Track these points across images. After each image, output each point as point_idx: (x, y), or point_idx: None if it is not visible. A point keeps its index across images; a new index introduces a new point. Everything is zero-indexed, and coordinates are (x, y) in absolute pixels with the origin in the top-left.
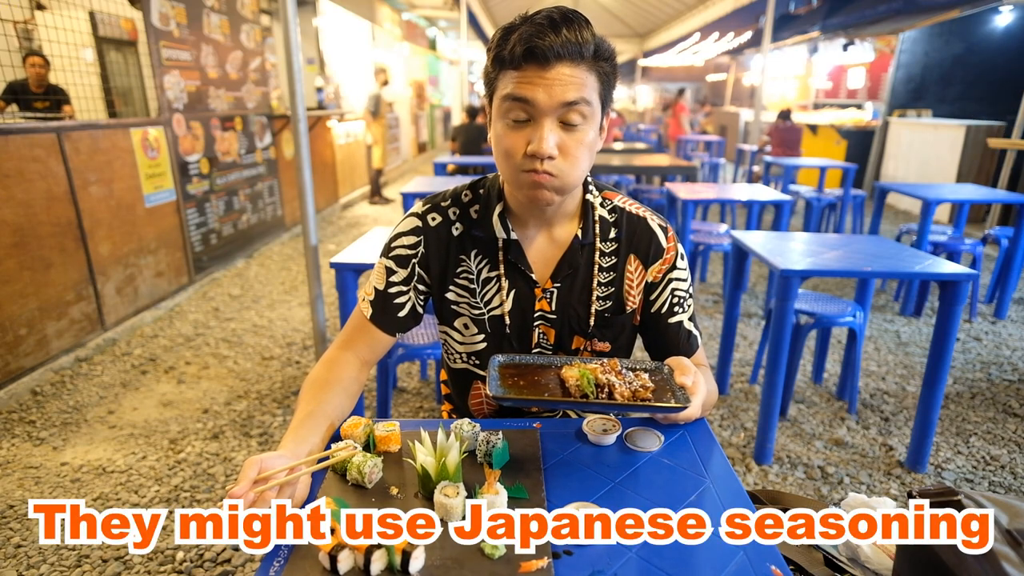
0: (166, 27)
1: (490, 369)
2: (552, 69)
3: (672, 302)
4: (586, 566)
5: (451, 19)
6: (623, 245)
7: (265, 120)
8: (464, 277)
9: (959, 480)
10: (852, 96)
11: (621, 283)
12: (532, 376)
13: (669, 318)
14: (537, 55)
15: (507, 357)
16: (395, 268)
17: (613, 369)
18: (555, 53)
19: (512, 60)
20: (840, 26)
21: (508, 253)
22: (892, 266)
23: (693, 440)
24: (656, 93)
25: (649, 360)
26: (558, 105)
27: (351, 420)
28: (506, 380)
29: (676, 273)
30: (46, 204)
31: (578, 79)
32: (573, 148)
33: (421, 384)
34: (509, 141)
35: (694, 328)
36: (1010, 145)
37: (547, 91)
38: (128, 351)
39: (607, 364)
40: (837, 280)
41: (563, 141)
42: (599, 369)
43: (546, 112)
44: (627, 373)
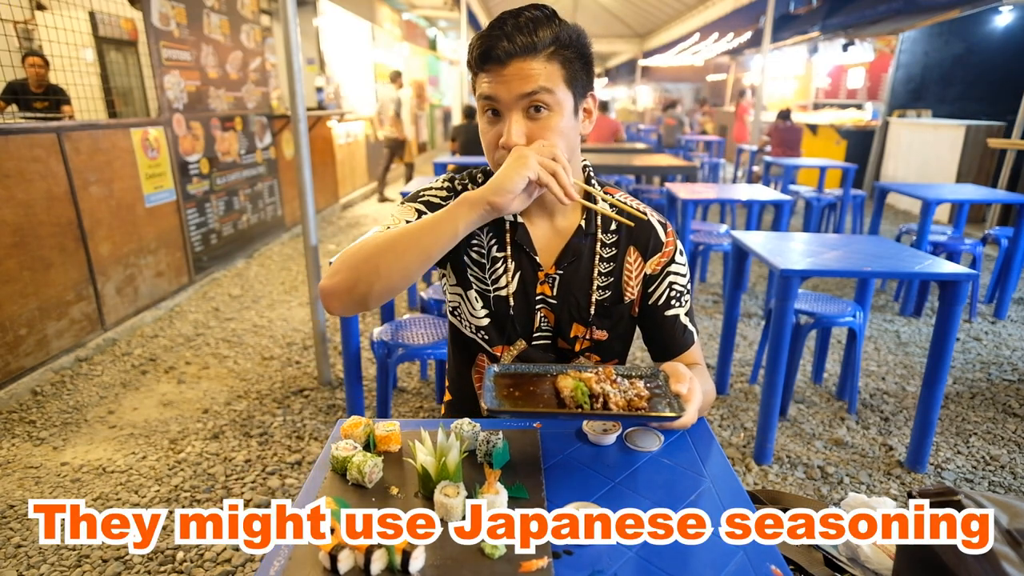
0: (166, 27)
1: (485, 380)
2: (509, 66)
3: (669, 295)
4: (586, 566)
5: (451, 19)
6: (623, 237)
7: (265, 120)
8: (476, 251)
9: (959, 480)
10: (852, 96)
11: (620, 274)
12: (528, 386)
13: (666, 311)
14: (492, 57)
15: (503, 367)
16: (426, 211)
17: (608, 378)
18: (507, 53)
19: (475, 64)
20: (840, 26)
21: (515, 235)
22: (892, 266)
23: (693, 440)
24: (656, 93)
25: (644, 366)
26: (517, 97)
27: (351, 420)
28: (502, 391)
29: (674, 267)
30: (46, 204)
31: (535, 72)
32: (541, 134)
33: (421, 384)
34: (487, 136)
35: (690, 324)
36: (1010, 145)
37: (506, 87)
38: (128, 351)
39: (602, 373)
40: (837, 280)
41: (530, 130)
42: (594, 379)
43: (509, 106)
44: (622, 381)
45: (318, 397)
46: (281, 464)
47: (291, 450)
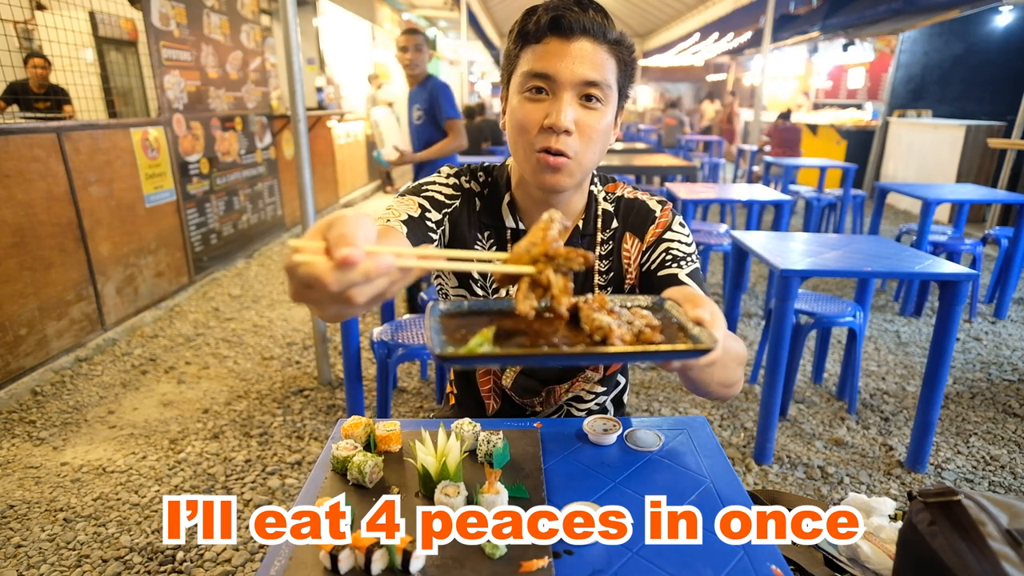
0: (166, 27)
1: (429, 320)
2: (575, 42)
3: (664, 259)
4: (586, 566)
5: (451, 19)
6: (619, 226)
7: (265, 120)
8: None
9: (959, 480)
10: (852, 96)
11: (619, 261)
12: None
13: (659, 271)
14: (563, 26)
15: (451, 304)
16: (429, 208)
17: (603, 306)
18: (580, 27)
19: (537, 31)
20: (840, 26)
21: (517, 242)
22: (892, 266)
23: (693, 440)
24: (656, 93)
25: (642, 296)
26: (579, 81)
27: (352, 420)
28: (453, 335)
29: (671, 235)
30: (46, 204)
31: (599, 58)
32: (590, 128)
33: (421, 384)
34: (524, 112)
35: (695, 285)
36: (1010, 145)
37: (569, 66)
38: (128, 351)
39: (592, 300)
40: (837, 280)
41: (581, 118)
42: (585, 307)
43: (566, 86)
44: (621, 311)
45: (318, 397)
46: (281, 464)
47: (291, 450)
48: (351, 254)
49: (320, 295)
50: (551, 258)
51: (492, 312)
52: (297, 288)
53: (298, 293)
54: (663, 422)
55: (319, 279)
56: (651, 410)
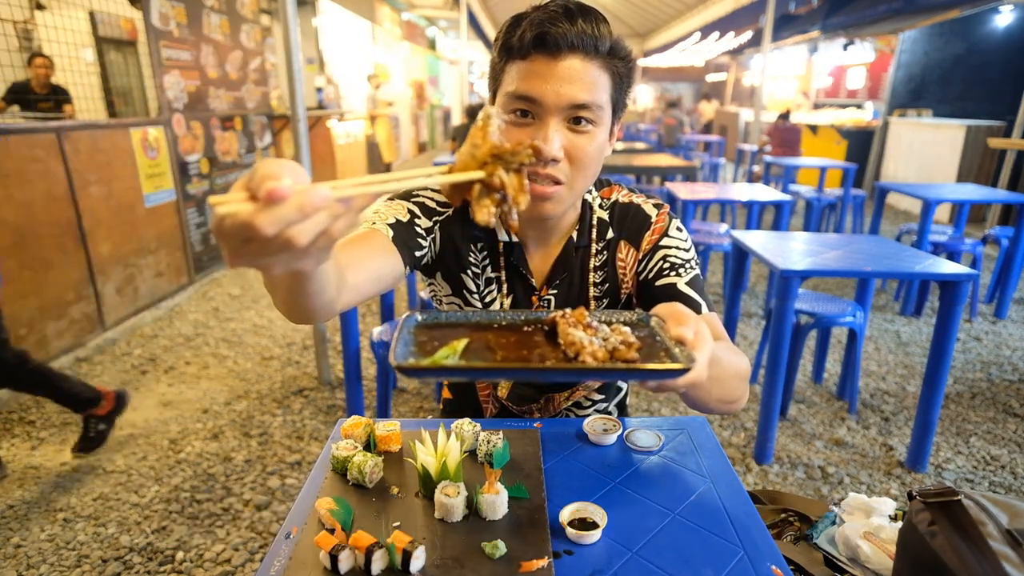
0: (166, 27)
1: (401, 330)
2: (563, 61)
3: (662, 267)
4: (586, 566)
5: (451, 19)
6: (613, 236)
7: (265, 120)
8: (471, 270)
9: (959, 480)
10: (852, 96)
11: (615, 271)
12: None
13: (657, 280)
14: (548, 43)
15: (429, 315)
16: (419, 214)
17: (579, 321)
18: (568, 43)
19: (521, 47)
20: (840, 26)
21: (510, 255)
22: (892, 266)
23: (693, 440)
24: (656, 93)
25: (628, 312)
26: (567, 104)
27: (352, 420)
28: (424, 346)
29: (667, 241)
30: (46, 204)
31: (589, 77)
32: (580, 152)
33: (421, 384)
34: (508, 138)
35: (696, 294)
36: (1010, 145)
37: (555, 89)
38: (128, 351)
39: (570, 315)
40: (837, 280)
41: (570, 144)
42: (562, 322)
43: (552, 111)
44: (600, 327)
45: (318, 397)
46: (281, 464)
47: (291, 450)
48: (276, 186)
49: (257, 247)
50: (498, 157)
51: (470, 325)
52: (233, 248)
53: (235, 253)
54: (663, 422)
55: (249, 224)
56: (651, 410)
